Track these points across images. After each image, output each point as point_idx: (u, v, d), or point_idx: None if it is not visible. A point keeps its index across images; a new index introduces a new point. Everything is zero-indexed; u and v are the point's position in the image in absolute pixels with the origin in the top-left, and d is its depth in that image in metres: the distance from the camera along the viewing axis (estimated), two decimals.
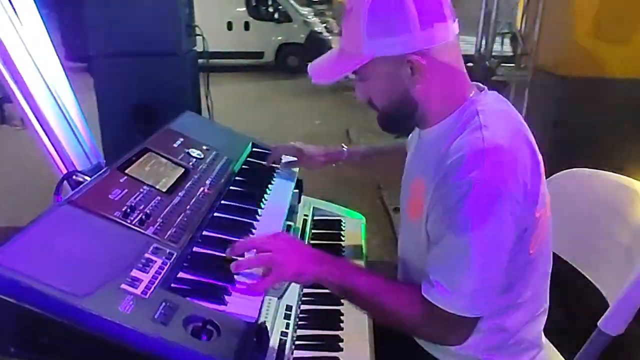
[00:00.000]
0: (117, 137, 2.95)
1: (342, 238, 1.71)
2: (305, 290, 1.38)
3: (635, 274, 1.10)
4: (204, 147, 1.54)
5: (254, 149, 1.77)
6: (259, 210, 1.38)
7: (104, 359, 0.83)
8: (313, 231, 1.71)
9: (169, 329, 0.85)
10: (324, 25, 13.43)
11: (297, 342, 1.20)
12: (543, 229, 1.15)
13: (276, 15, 12.59)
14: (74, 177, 1.21)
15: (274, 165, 1.71)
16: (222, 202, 1.36)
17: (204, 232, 1.19)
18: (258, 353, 1.04)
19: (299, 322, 1.27)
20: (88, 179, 1.19)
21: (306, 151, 1.69)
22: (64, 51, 10.75)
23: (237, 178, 1.52)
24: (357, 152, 1.71)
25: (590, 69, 3.16)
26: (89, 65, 3.23)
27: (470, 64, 3.28)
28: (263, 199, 1.45)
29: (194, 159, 1.45)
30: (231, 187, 1.46)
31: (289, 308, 1.26)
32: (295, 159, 1.71)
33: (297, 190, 1.74)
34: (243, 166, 1.62)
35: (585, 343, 1.16)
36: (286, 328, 1.19)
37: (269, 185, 1.55)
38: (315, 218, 1.79)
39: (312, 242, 1.64)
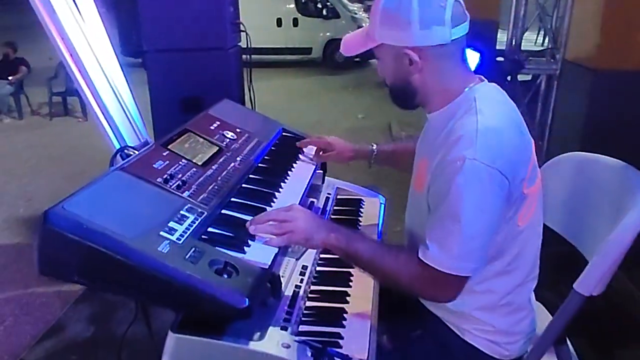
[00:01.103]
0: (167, 126, 3.20)
1: (361, 216, 1.89)
2: (322, 255, 1.58)
3: (607, 240, 1.23)
4: (238, 130, 1.75)
5: (284, 134, 1.97)
6: (282, 184, 1.58)
7: (145, 287, 1.05)
8: (334, 208, 1.90)
9: (197, 267, 1.06)
10: None
11: (309, 295, 1.39)
12: (532, 205, 1.30)
13: (324, 12, 12.76)
14: (125, 151, 1.44)
15: (304, 153, 1.87)
16: (250, 176, 1.57)
17: (232, 199, 1.40)
18: (273, 298, 1.25)
19: (313, 280, 1.46)
20: (137, 152, 1.42)
21: (337, 145, 1.84)
22: (120, 47, 11.37)
23: (265, 157, 1.73)
24: (384, 150, 1.83)
25: (622, 61, 3.20)
26: (143, 61, 3.49)
27: (500, 58, 3.37)
28: (287, 176, 1.65)
29: (228, 140, 1.67)
30: (259, 164, 1.66)
31: (304, 267, 1.46)
32: (318, 151, 1.87)
33: (321, 171, 1.94)
34: (272, 147, 1.83)
35: (562, 304, 1.30)
36: (300, 282, 1.39)
37: (294, 165, 1.75)
38: (338, 197, 1.98)
39: (332, 217, 1.83)
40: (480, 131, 1.16)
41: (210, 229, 1.23)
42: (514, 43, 3.30)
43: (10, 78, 8.52)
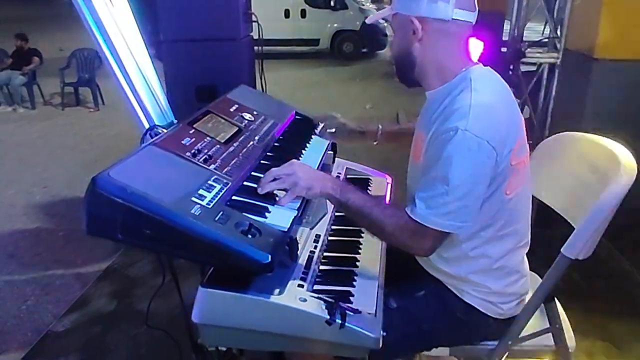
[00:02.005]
0: (182, 114, 3.33)
1: (369, 193, 2.03)
2: (333, 227, 1.72)
3: (591, 208, 1.36)
4: (255, 113, 1.89)
5: (296, 117, 2.11)
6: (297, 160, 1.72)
7: (180, 244, 1.19)
8: None
9: (225, 228, 1.20)
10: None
11: (322, 260, 1.54)
12: (520, 176, 1.43)
13: (332, 3, 12.83)
14: (154, 129, 1.58)
15: (318, 131, 2.00)
16: (267, 153, 1.71)
17: (252, 173, 1.54)
18: (290, 259, 1.40)
19: (325, 247, 1.61)
20: (165, 131, 1.56)
21: (348, 125, 2.00)
22: None
23: (280, 137, 1.87)
24: (390, 131, 1.97)
25: (622, 50, 3.30)
26: (157, 51, 3.63)
27: (504, 49, 3.49)
28: (301, 154, 1.79)
29: (246, 121, 1.81)
30: (275, 144, 1.80)
31: (317, 236, 1.61)
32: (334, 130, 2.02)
33: (331, 152, 2.08)
34: (286, 128, 1.96)
35: (550, 267, 1.44)
36: (314, 249, 1.54)
37: (307, 145, 1.89)
38: (347, 176, 2.11)
39: None
40: (473, 106, 1.30)
41: (234, 197, 1.37)
42: (516, 33, 3.41)
43: (23, 69, 8.68)
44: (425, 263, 1.57)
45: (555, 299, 1.55)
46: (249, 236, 1.21)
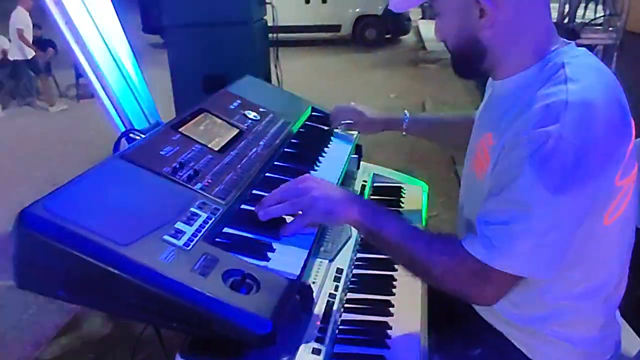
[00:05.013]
0: (189, 106, 3.04)
1: (402, 205, 1.66)
2: (359, 255, 1.36)
3: None
4: (261, 110, 1.53)
5: (314, 113, 1.75)
6: (312, 172, 1.36)
7: (143, 305, 0.84)
8: (372, 197, 1.67)
9: (207, 281, 0.85)
10: None
11: (345, 305, 1.18)
12: (624, 200, 1.04)
13: None
14: (130, 134, 1.24)
15: (333, 128, 1.68)
16: (275, 163, 1.35)
17: (254, 191, 1.19)
18: (302, 312, 1.04)
19: (350, 286, 1.25)
20: (142, 136, 1.22)
21: (367, 115, 1.65)
22: (141, 24, 11.34)
23: (292, 140, 1.51)
24: (419, 121, 1.63)
25: None
26: (164, 39, 3.34)
27: None
28: (317, 162, 1.43)
29: (250, 121, 1.45)
30: (286, 149, 1.44)
31: (339, 271, 1.24)
32: (352, 121, 1.67)
33: (356, 156, 1.72)
34: (300, 129, 1.60)
35: None
36: (335, 290, 1.17)
37: (325, 149, 1.52)
38: (375, 184, 1.75)
39: None
40: (570, 104, 0.92)
41: (226, 230, 1.02)
42: (565, 11, 2.99)
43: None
44: (484, 308, 1.20)
45: None
46: (242, 292, 0.86)
